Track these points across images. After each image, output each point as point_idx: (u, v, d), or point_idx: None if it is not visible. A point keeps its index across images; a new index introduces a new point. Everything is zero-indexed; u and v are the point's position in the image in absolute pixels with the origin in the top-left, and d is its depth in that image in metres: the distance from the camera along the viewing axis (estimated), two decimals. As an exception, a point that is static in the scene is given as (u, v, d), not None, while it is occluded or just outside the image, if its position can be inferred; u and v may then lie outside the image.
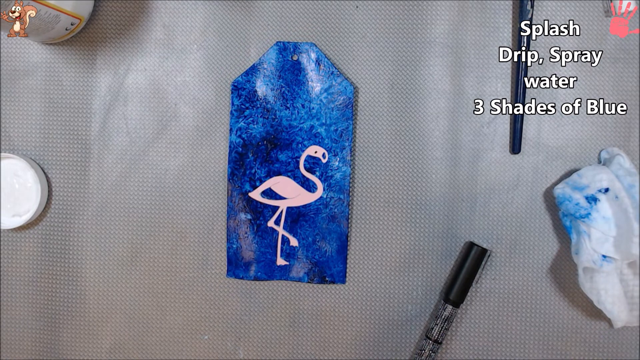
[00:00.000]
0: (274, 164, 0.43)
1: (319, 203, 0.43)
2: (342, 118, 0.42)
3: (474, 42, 0.43)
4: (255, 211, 0.43)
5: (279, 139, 0.43)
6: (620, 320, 0.39)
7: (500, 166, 0.43)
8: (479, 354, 0.43)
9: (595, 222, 0.38)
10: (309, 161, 0.43)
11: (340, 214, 0.43)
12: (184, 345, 0.45)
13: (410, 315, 0.43)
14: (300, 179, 0.43)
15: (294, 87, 0.43)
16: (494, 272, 0.43)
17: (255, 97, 0.43)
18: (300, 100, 0.43)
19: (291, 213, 0.43)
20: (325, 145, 0.43)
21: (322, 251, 0.43)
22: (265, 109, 0.43)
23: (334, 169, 0.43)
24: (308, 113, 0.43)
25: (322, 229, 0.43)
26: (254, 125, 0.43)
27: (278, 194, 0.43)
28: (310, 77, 0.42)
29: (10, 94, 0.46)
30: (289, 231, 0.43)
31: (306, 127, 0.43)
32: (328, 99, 0.42)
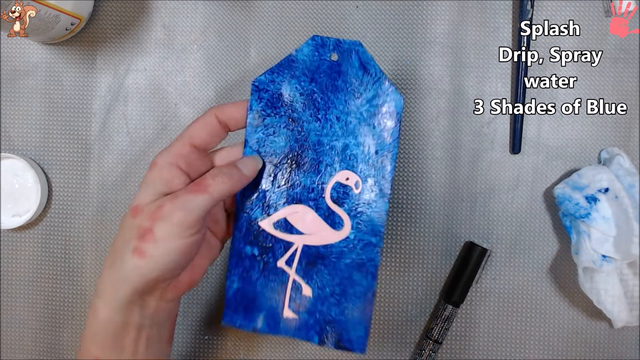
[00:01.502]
0: (295, 189, 0.34)
1: (344, 245, 0.34)
2: (385, 138, 0.34)
3: (474, 42, 0.43)
4: (264, 246, 0.34)
5: (304, 158, 0.34)
6: (620, 320, 0.39)
7: (500, 166, 0.43)
8: (479, 354, 0.43)
9: (595, 222, 0.38)
10: (338, 190, 0.34)
11: (369, 262, 0.34)
12: (184, 345, 0.45)
13: (410, 315, 0.43)
14: (323, 211, 0.34)
15: (329, 94, 0.34)
16: (494, 272, 0.43)
17: (280, 102, 0.34)
18: (336, 112, 0.34)
19: (308, 253, 0.34)
20: (359, 172, 0.34)
21: (341, 308, 0.34)
22: (291, 118, 0.34)
23: (367, 204, 0.34)
24: (343, 128, 0.34)
25: (344, 279, 0.34)
26: (275, 138, 0.34)
27: (294, 228, 0.34)
28: (351, 84, 0.34)
29: (10, 94, 0.46)
30: (302, 276, 0.34)
31: (339, 146, 0.34)
32: (370, 112, 0.34)
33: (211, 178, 0.30)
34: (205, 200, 0.29)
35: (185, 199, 0.29)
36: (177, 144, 0.32)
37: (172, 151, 0.31)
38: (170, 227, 0.29)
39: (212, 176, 0.30)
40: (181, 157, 0.31)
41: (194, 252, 0.31)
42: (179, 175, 0.31)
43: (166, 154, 0.31)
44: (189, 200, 0.29)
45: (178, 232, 0.29)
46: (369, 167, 0.34)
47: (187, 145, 0.32)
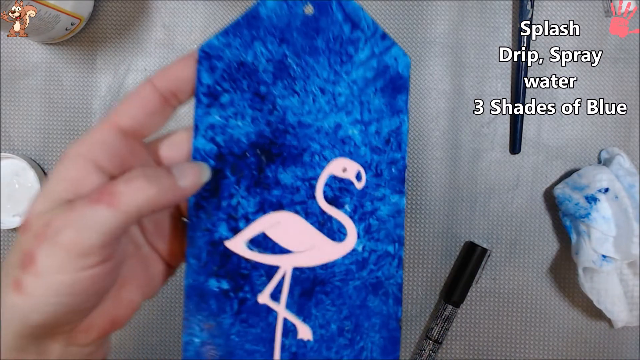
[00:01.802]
0: (272, 190, 0.25)
1: (351, 261, 0.25)
2: (390, 110, 0.25)
3: (474, 42, 0.43)
4: (237, 275, 0.24)
5: (280, 147, 0.25)
6: (620, 320, 0.39)
7: (500, 166, 0.43)
8: (479, 354, 0.43)
9: (595, 222, 0.38)
10: (333, 186, 0.25)
11: (388, 280, 0.25)
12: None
13: (410, 315, 0.43)
14: (317, 218, 0.25)
15: (307, 59, 0.25)
16: (494, 272, 0.43)
17: (241, 72, 0.25)
18: (319, 81, 0.25)
19: (300, 279, 0.25)
20: (361, 159, 0.25)
21: (357, 349, 0.25)
22: (258, 93, 0.25)
23: (376, 200, 0.25)
24: (331, 103, 0.25)
25: (356, 308, 0.25)
26: (238, 122, 0.25)
27: (278, 245, 0.25)
28: (336, 43, 0.25)
29: (10, 94, 0.46)
30: (296, 312, 0.25)
31: (328, 126, 0.25)
32: (366, 78, 0.25)
33: (124, 183, 0.20)
34: (110, 217, 0.20)
35: (82, 213, 0.20)
36: (98, 127, 0.22)
37: (88, 138, 0.22)
38: (57, 254, 0.19)
39: (126, 180, 0.20)
40: (101, 148, 0.22)
41: (98, 288, 0.21)
42: (94, 175, 0.21)
43: (80, 143, 0.22)
44: (86, 216, 0.19)
45: (67, 262, 0.19)
46: (373, 150, 0.25)
47: (111, 130, 0.22)
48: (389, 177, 0.25)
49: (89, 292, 0.21)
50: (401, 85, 0.25)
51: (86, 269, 0.20)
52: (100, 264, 0.20)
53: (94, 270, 0.20)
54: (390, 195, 0.25)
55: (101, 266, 0.20)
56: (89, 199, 0.20)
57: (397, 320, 0.25)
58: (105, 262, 0.20)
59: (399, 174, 0.25)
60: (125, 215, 0.20)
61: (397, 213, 0.25)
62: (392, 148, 0.25)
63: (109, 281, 0.22)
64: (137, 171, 0.21)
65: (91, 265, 0.20)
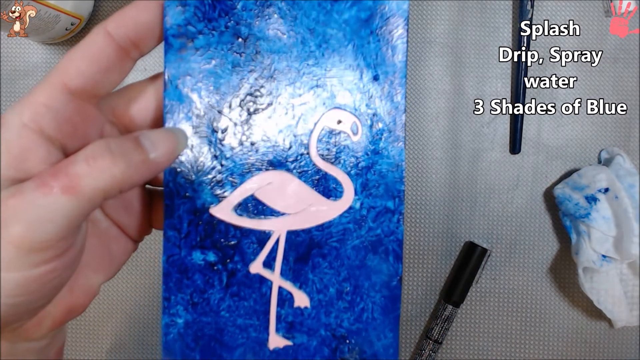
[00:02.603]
0: (260, 148, 0.22)
1: (348, 220, 0.23)
2: (388, 56, 0.22)
3: (474, 42, 0.43)
4: (225, 245, 0.22)
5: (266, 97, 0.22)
6: (620, 320, 0.39)
7: (500, 166, 0.43)
8: (479, 354, 0.43)
9: (595, 222, 0.38)
10: (328, 140, 0.23)
11: (388, 237, 0.23)
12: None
13: (410, 315, 0.43)
14: (310, 175, 0.23)
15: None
16: (494, 272, 0.43)
17: (218, 10, 0.22)
18: (307, 22, 0.22)
19: (295, 243, 0.23)
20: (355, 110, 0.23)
21: (356, 312, 0.23)
22: (239, 35, 0.22)
23: (374, 153, 0.23)
24: (322, 46, 0.22)
25: (355, 269, 0.23)
26: (217, 69, 0.22)
27: (269, 207, 0.22)
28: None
29: (10, 94, 0.46)
30: (291, 279, 0.23)
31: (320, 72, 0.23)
32: (359, 19, 0.22)
33: (85, 163, 0.17)
34: (69, 205, 0.16)
35: (33, 201, 0.16)
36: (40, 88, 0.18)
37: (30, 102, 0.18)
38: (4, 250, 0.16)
39: (87, 159, 0.17)
40: (47, 113, 0.18)
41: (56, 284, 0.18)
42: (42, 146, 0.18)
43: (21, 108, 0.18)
44: (39, 205, 0.16)
45: (17, 259, 0.16)
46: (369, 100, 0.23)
47: (57, 91, 0.18)
48: (387, 128, 0.23)
49: (45, 289, 0.18)
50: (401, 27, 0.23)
51: (40, 264, 0.17)
52: (57, 257, 0.17)
53: (50, 265, 0.17)
54: (389, 147, 0.23)
55: (58, 260, 0.17)
56: (40, 182, 0.16)
57: (398, 277, 0.23)
58: (63, 254, 0.17)
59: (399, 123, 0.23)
60: (87, 201, 0.17)
61: (396, 167, 0.23)
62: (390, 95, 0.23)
63: (68, 274, 0.19)
64: (100, 145, 0.17)
65: (46, 260, 0.17)
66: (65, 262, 0.18)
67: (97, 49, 0.19)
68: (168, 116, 0.21)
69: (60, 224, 0.17)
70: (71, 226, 0.17)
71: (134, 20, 0.19)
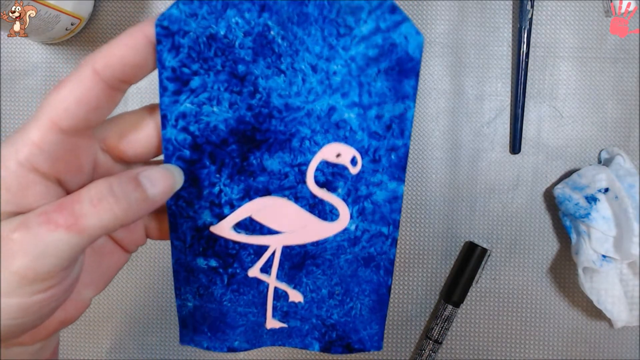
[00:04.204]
0: (257, 177, 0.23)
1: (342, 238, 0.24)
2: (394, 95, 0.22)
3: (474, 42, 0.43)
4: (225, 255, 0.24)
5: (265, 133, 0.22)
6: (620, 320, 0.39)
7: (500, 166, 0.43)
8: (479, 354, 0.43)
9: (595, 222, 0.38)
10: (326, 171, 0.23)
11: (380, 256, 0.24)
12: (184, 346, 0.45)
13: (410, 315, 0.43)
14: (307, 201, 0.23)
15: (295, 30, 0.21)
16: (494, 272, 0.43)
17: (214, 49, 0.21)
18: (309, 57, 0.21)
19: (290, 255, 0.24)
20: (357, 144, 0.22)
21: (346, 308, 0.25)
22: (235, 74, 0.21)
23: (372, 185, 0.23)
24: (325, 83, 0.22)
25: (346, 277, 0.25)
26: (213, 108, 0.22)
27: (266, 227, 0.23)
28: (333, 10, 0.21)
29: (10, 94, 0.46)
30: (287, 281, 0.25)
31: (320, 109, 0.22)
32: (367, 56, 0.21)
33: (90, 203, 0.18)
34: (72, 241, 0.18)
35: (38, 236, 0.17)
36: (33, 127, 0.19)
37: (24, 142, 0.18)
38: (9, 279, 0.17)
39: (93, 200, 0.18)
40: (41, 154, 0.18)
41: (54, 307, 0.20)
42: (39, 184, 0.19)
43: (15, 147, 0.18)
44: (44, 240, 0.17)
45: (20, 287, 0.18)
46: (371, 136, 0.22)
47: (48, 130, 0.18)
48: (388, 163, 0.23)
49: (43, 312, 0.19)
50: (410, 68, 0.21)
51: (41, 292, 0.18)
52: (57, 285, 0.19)
53: (50, 292, 0.18)
54: (388, 181, 0.23)
55: (57, 287, 0.19)
56: (46, 219, 0.18)
57: (387, 287, 0.25)
58: (61, 282, 0.19)
59: (398, 161, 0.23)
60: (88, 238, 0.18)
61: (393, 199, 0.23)
62: (394, 134, 0.22)
63: (66, 297, 0.20)
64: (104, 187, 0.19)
65: (47, 288, 0.18)
66: (64, 288, 0.19)
67: (86, 90, 0.19)
68: (167, 148, 0.22)
69: (63, 257, 0.18)
70: (72, 259, 0.18)
71: (122, 61, 0.19)
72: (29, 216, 0.18)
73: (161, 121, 0.22)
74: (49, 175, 0.19)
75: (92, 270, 0.23)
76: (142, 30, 0.19)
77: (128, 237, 0.23)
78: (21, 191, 0.18)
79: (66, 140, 0.19)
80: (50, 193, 0.19)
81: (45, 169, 0.19)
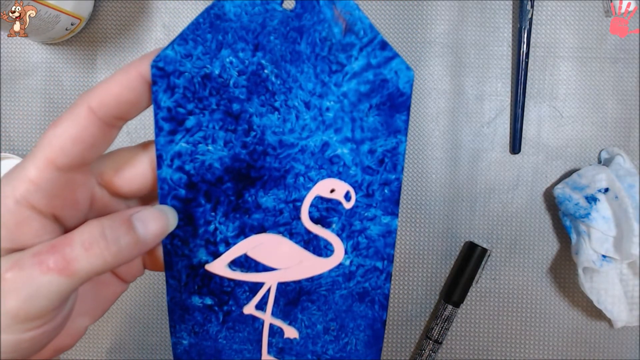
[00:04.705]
0: (252, 215, 0.23)
1: (337, 274, 0.24)
2: (386, 129, 0.22)
3: (474, 42, 0.43)
4: (220, 292, 0.24)
5: (260, 170, 0.23)
6: (620, 320, 0.39)
7: (500, 166, 0.43)
8: (479, 354, 0.43)
9: (595, 222, 0.38)
10: (319, 206, 0.23)
11: (375, 290, 0.24)
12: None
13: (410, 315, 0.43)
14: (302, 237, 0.23)
15: (287, 68, 0.21)
16: (494, 272, 0.43)
17: (208, 89, 0.21)
18: (302, 95, 0.22)
19: (285, 291, 0.24)
20: (350, 179, 0.23)
21: (341, 344, 0.25)
22: (230, 112, 0.22)
23: (366, 220, 0.23)
24: (318, 119, 0.22)
25: (341, 312, 0.25)
26: (209, 147, 0.22)
27: (261, 264, 0.24)
28: (324, 47, 0.21)
29: (10, 94, 0.46)
30: (282, 317, 0.25)
31: (314, 145, 0.22)
32: (359, 92, 0.22)
33: (81, 247, 0.18)
34: (63, 284, 0.18)
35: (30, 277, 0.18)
36: (30, 165, 0.19)
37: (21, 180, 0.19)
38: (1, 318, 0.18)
39: (84, 243, 0.18)
40: (37, 191, 0.19)
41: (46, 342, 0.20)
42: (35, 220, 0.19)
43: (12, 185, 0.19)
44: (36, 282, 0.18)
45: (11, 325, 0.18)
46: (365, 171, 0.23)
47: (44, 167, 0.19)
48: (381, 198, 0.23)
49: (35, 347, 0.19)
50: (401, 103, 0.22)
51: (33, 329, 0.19)
52: (48, 322, 0.19)
53: (42, 329, 0.19)
54: (381, 216, 0.23)
55: (49, 324, 0.19)
56: (38, 260, 0.18)
57: (382, 322, 0.25)
58: (53, 319, 0.19)
59: (392, 195, 0.23)
60: (79, 280, 0.18)
61: (387, 233, 0.23)
62: (387, 169, 0.23)
63: (58, 332, 0.20)
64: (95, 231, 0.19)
65: (38, 326, 0.19)
66: (55, 325, 0.20)
67: (81, 128, 0.19)
68: (163, 187, 0.22)
69: (53, 299, 0.18)
70: (62, 300, 0.19)
71: (117, 99, 0.19)
72: (23, 256, 0.18)
73: (157, 161, 0.22)
74: (45, 212, 0.19)
75: (89, 300, 0.23)
76: (137, 68, 0.20)
77: (125, 269, 0.24)
78: (18, 228, 0.19)
79: (62, 177, 0.19)
80: (47, 229, 0.19)
81: (42, 206, 0.19)
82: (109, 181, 0.22)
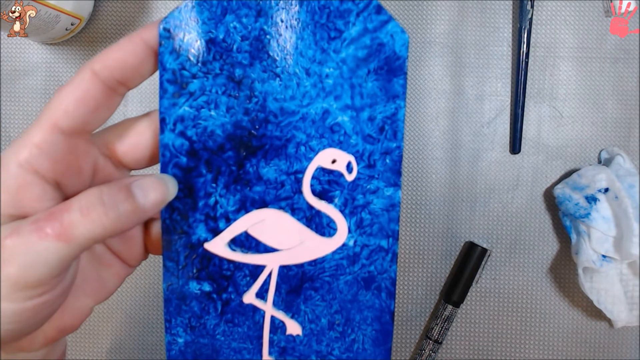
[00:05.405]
0: (254, 187, 0.23)
1: (341, 256, 0.23)
2: (385, 94, 0.22)
3: (474, 42, 0.43)
4: (219, 277, 0.23)
5: (261, 138, 0.22)
6: (620, 320, 0.39)
7: (500, 166, 0.43)
8: (479, 354, 0.43)
9: (595, 222, 0.38)
10: (321, 179, 0.23)
11: (381, 274, 0.23)
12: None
13: (410, 315, 0.43)
14: (304, 213, 0.23)
15: (289, 34, 0.22)
16: (494, 272, 0.43)
17: (212, 53, 0.22)
18: (303, 61, 0.22)
19: (287, 277, 0.23)
20: (351, 149, 0.23)
21: (347, 342, 0.24)
22: (233, 77, 0.22)
23: (369, 193, 0.23)
24: (318, 86, 0.22)
25: (346, 302, 0.24)
26: (211, 112, 0.22)
27: (262, 244, 0.23)
28: (323, 15, 0.22)
29: (10, 94, 0.46)
30: (284, 309, 0.24)
31: (315, 112, 0.22)
32: (357, 57, 0.22)
33: (79, 212, 0.18)
34: (61, 250, 0.18)
35: (29, 244, 0.18)
36: (34, 129, 0.19)
37: (25, 144, 0.19)
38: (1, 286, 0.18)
39: (82, 209, 0.18)
40: (41, 155, 0.19)
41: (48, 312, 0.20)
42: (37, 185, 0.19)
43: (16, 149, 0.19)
44: (34, 248, 0.18)
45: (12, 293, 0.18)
46: (365, 139, 0.22)
47: (49, 133, 0.19)
48: (383, 168, 0.23)
49: (37, 317, 0.19)
50: (398, 66, 0.22)
51: (33, 298, 0.18)
52: (49, 291, 0.19)
53: (42, 298, 0.19)
54: (384, 188, 0.23)
55: (50, 293, 0.19)
56: (36, 227, 0.18)
57: (390, 313, 0.24)
58: (54, 288, 0.19)
59: (393, 164, 0.23)
60: (78, 247, 0.18)
61: (391, 207, 0.23)
62: (387, 136, 0.22)
63: (60, 302, 0.20)
64: (93, 196, 0.19)
65: (39, 294, 0.19)
66: (57, 294, 0.19)
67: (84, 91, 0.19)
68: (165, 154, 0.22)
69: (53, 266, 0.18)
70: (62, 267, 0.19)
71: (121, 63, 0.20)
72: (22, 223, 0.18)
73: (160, 126, 0.22)
74: (47, 178, 0.19)
75: (92, 280, 0.22)
76: (141, 35, 0.20)
77: (126, 250, 0.23)
78: (19, 193, 0.19)
79: (66, 142, 0.19)
80: (48, 196, 0.19)
81: (45, 170, 0.19)
82: (113, 149, 0.22)
